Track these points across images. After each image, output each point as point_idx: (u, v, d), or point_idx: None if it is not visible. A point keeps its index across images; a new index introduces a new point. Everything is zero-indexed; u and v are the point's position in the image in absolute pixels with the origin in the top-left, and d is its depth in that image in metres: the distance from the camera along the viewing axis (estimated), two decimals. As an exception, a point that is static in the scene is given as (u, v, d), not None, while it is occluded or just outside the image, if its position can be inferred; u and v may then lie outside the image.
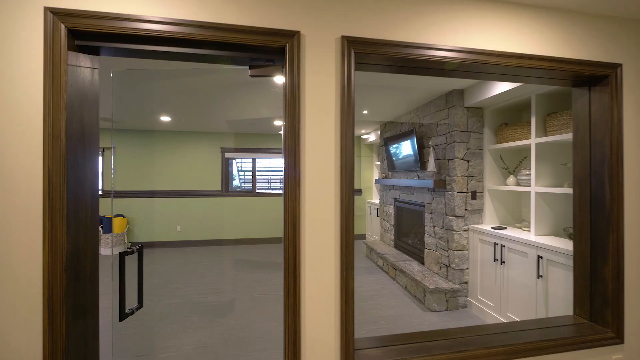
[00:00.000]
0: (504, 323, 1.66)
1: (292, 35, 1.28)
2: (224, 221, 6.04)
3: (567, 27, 1.53)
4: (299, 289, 1.29)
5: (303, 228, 1.30)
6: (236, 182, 6.34)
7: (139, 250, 1.45)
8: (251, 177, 6.34)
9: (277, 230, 6.23)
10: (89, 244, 1.28)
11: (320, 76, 1.32)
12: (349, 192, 1.32)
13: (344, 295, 1.32)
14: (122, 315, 1.40)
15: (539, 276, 2.27)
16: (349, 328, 1.33)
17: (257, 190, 6.35)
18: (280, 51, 1.31)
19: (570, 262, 2.05)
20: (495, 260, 2.70)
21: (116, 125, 5.35)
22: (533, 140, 2.51)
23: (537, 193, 2.49)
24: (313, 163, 1.31)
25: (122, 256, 1.37)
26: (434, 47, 1.39)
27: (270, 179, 6.43)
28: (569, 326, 1.67)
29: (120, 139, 5.71)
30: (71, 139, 1.16)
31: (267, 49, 1.30)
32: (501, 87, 2.59)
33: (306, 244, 1.31)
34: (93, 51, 1.25)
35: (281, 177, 6.44)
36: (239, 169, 6.34)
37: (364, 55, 1.36)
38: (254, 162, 6.33)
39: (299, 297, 1.29)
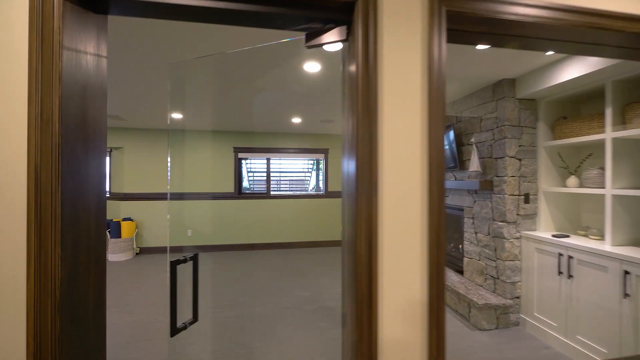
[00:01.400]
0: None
1: (367, -15, 0.94)
2: (237, 225, 5.71)
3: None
4: (376, 329, 0.95)
5: (381, 246, 0.96)
6: (245, 184, 6.01)
7: (194, 258, 1.29)
8: (264, 178, 6.00)
9: (294, 234, 5.88)
10: (93, 266, 0.95)
11: (401, 43, 0.98)
12: (440, 198, 0.98)
13: (434, 335, 0.98)
14: (174, 331, 1.21)
15: (625, 295, 1.91)
16: (440, 381, 0.98)
17: (271, 192, 6.01)
18: (349, 8, 0.98)
19: (673, 281, 1.69)
20: (560, 273, 2.34)
21: (124, 123, 5.06)
22: (609, 135, 2.14)
23: (613, 196, 2.13)
24: (393, 161, 0.97)
25: (173, 265, 1.20)
26: (548, 6, 1.05)
27: (280, 180, 6.08)
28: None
29: (128, 138, 5.41)
30: (68, 126, 0.84)
31: (330, 5, 0.97)
32: (568, 74, 2.24)
33: (384, 267, 0.97)
34: (99, 8, 0.93)
35: (291, 179, 6.09)
36: (249, 170, 6.01)
37: (456, 16, 1.02)
38: (268, 163, 5.99)
39: (376, 339, 0.95)
